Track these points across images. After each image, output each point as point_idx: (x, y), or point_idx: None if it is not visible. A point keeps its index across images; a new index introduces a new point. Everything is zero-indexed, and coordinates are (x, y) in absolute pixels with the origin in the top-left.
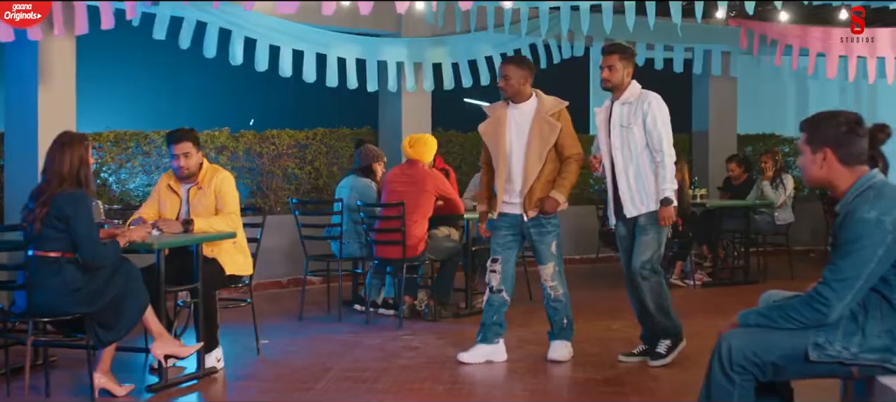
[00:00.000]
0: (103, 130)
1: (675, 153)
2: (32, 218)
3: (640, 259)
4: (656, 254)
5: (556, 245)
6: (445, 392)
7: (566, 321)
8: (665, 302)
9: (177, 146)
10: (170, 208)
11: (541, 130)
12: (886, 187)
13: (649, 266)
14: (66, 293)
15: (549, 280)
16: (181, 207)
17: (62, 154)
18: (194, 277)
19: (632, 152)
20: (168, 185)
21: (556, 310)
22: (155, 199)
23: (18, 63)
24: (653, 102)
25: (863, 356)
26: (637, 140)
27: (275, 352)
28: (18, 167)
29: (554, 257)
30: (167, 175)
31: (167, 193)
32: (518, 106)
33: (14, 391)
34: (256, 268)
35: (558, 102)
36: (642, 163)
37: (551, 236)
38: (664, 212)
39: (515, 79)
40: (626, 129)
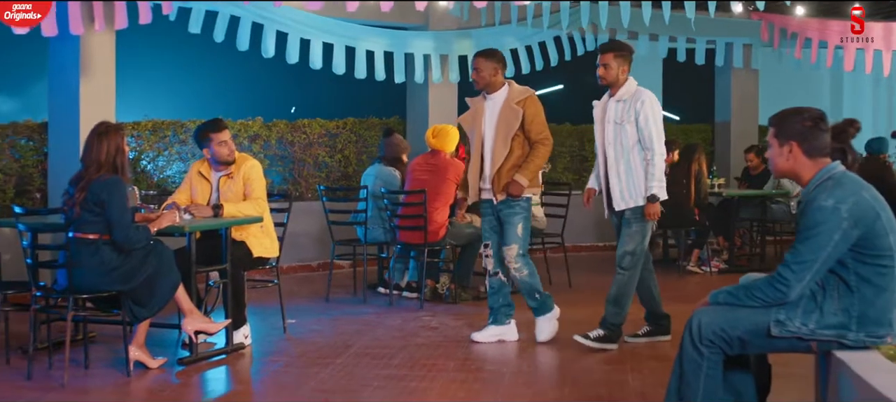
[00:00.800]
0: (142, 119)
1: (664, 150)
2: (72, 202)
3: (623, 249)
4: (639, 247)
5: (522, 228)
6: (456, 368)
7: (538, 296)
8: (623, 298)
9: (220, 134)
10: (201, 194)
11: (505, 116)
12: (845, 178)
13: (629, 258)
14: (103, 273)
15: (513, 262)
16: (212, 193)
17: (99, 143)
18: (223, 258)
19: (623, 148)
20: (199, 172)
21: (525, 289)
22: (187, 185)
23: (61, 56)
24: (645, 101)
25: (820, 332)
26: (629, 137)
27: (300, 331)
28: (61, 155)
29: (518, 239)
30: (199, 163)
31: (198, 180)
32: (491, 96)
33: (55, 364)
34: (287, 252)
35: (525, 91)
36: (633, 159)
37: (518, 219)
38: (649, 208)
39: (486, 71)
40: (619, 125)
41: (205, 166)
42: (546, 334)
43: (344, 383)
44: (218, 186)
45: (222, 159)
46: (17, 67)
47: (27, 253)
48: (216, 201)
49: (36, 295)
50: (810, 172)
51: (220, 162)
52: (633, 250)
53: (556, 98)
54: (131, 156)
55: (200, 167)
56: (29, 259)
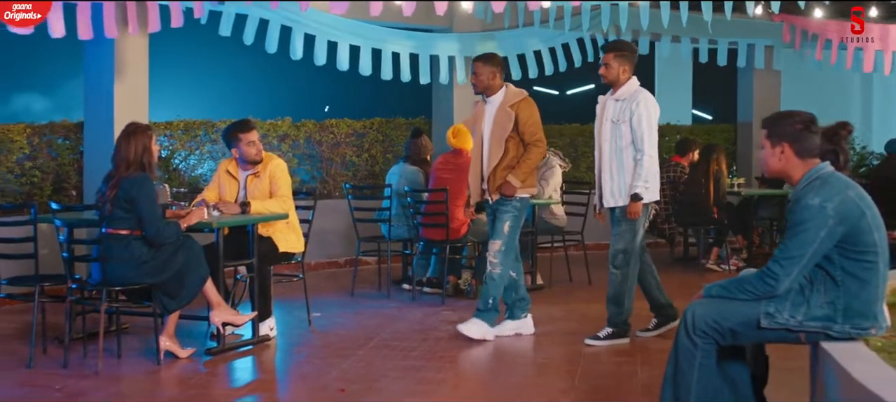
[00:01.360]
0: (174, 119)
1: (656, 154)
2: (104, 200)
3: (615, 248)
4: (630, 245)
5: (509, 226)
6: (472, 360)
7: (492, 302)
8: (622, 295)
9: (248, 134)
10: (229, 192)
11: (499, 119)
12: (832, 178)
13: (621, 257)
14: (134, 266)
15: (492, 257)
16: (239, 191)
17: (128, 143)
18: (250, 253)
19: (617, 147)
20: (227, 170)
21: (488, 287)
22: (216, 183)
23: (96, 58)
24: (641, 102)
25: (807, 324)
26: (623, 136)
27: (325, 324)
28: (96, 153)
29: (504, 235)
30: (227, 162)
31: (227, 178)
32: (490, 99)
33: (90, 353)
34: (316, 249)
35: (519, 93)
36: (626, 158)
37: (508, 216)
38: (631, 206)
39: (484, 75)
40: (616, 124)
41: (232, 165)
42: (470, 331)
43: (363, 373)
44: (245, 184)
45: (250, 159)
46: (51, 67)
47: (63, 247)
48: (244, 198)
49: (71, 287)
50: (800, 172)
51: (247, 161)
52: (625, 249)
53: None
54: (164, 154)
55: (228, 166)
56: (65, 253)
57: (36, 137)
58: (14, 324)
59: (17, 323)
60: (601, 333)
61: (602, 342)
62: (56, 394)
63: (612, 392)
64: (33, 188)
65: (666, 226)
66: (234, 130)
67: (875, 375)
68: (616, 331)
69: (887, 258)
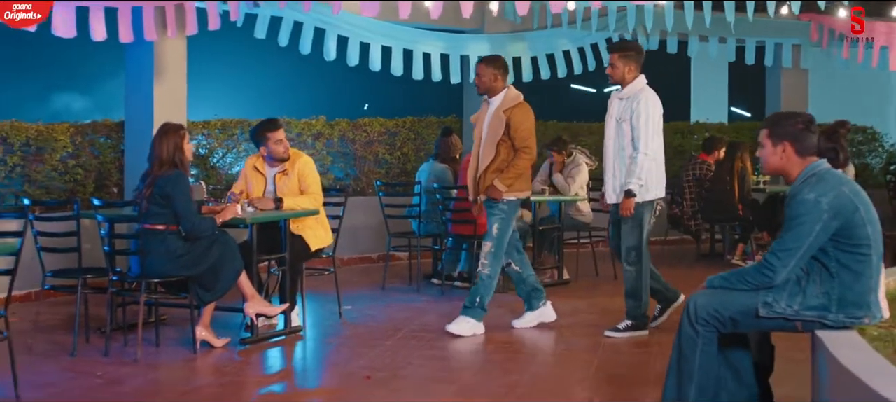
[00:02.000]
0: (211, 118)
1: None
2: (141, 197)
3: (625, 246)
4: (640, 241)
5: (498, 228)
6: (495, 350)
7: (479, 301)
8: (640, 290)
9: (276, 133)
10: (256, 188)
11: (493, 123)
12: (827, 174)
13: (633, 254)
14: (170, 259)
15: (483, 257)
16: (266, 187)
17: (161, 142)
18: (282, 248)
19: (620, 145)
20: (254, 167)
21: (477, 286)
22: (243, 179)
23: (136, 60)
24: (642, 101)
25: (803, 313)
26: (625, 134)
27: (355, 316)
28: (137, 152)
29: (493, 238)
30: (254, 158)
31: (254, 175)
32: (491, 101)
33: (130, 342)
34: (349, 244)
35: (515, 98)
36: (628, 156)
37: (496, 219)
38: (623, 202)
39: (486, 76)
40: (619, 123)
41: (260, 162)
42: (458, 328)
43: (389, 362)
44: (274, 181)
45: (278, 157)
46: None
47: (104, 242)
48: (272, 195)
49: (112, 280)
50: (798, 169)
51: (275, 159)
52: (635, 246)
53: None
54: (202, 153)
55: (256, 163)
56: (106, 247)
57: (79, 136)
58: (59, 315)
59: (62, 314)
60: (621, 325)
61: (621, 333)
62: (97, 380)
63: (627, 381)
64: (76, 185)
65: (692, 222)
66: (262, 130)
67: (861, 361)
68: (635, 323)
69: (881, 251)
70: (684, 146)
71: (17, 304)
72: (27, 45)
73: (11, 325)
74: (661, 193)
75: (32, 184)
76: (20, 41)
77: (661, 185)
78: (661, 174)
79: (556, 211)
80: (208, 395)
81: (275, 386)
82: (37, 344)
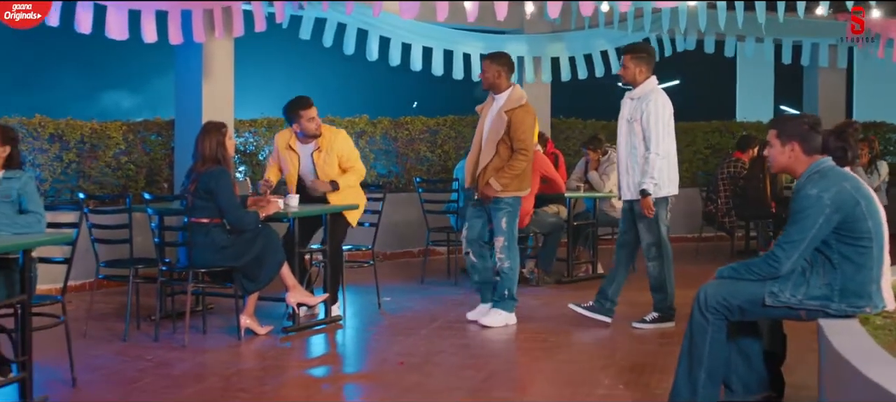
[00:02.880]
0: (258, 116)
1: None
2: (186, 192)
3: (645, 243)
4: (657, 236)
5: (506, 222)
6: (526, 339)
7: (507, 293)
8: (664, 281)
9: (308, 111)
10: (291, 165)
11: (494, 122)
12: (830, 172)
13: (654, 249)
14: (215, 251)
15: (499, 252)
16: (301, 163)
17: (203, 140)
18: (324, 238)
19: (631, 144)
20: (288, 145)
21: (502, 281)
22: (275, 160)
23: (186, 61)
24: (652, 102)
25: (807, 302)
26: (636, 134)
27: (393, 307)
28: (186, 149)
29: (504, 232)
30: (285, 137)
31: (287, 153)
32: (495, 98)
33: (178, 329)
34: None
35: (518, 100)
36: (639, 155)
37: (502, 214)
38: (644, 202)
39: (489, 73)
40: (630, 123)
41: (292, 140)
42: (490, 321)
43: (422, 350)
44: (312, 160)
45: (310, 133)
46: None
47: (155, 234)
48: (311, 172)
49: (162, 270)
50: (804, 167)
51: (307, 135)
52: (655, 241)
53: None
54: (250, 150)
55: (289, 141)
56: (156, 239)
57: (131, 133)
58: (111, 304)
59: (114, 303)
60: (647, 317)
61: (648, 325)
62: (147, 363)
63: (648, 370)
64: (128, 181)
65: (726, 220)
66: (294, 107)
67: (853, 346)
68: (662, 315)
69: (881, 244)
70: (722, 145)
71: (72, 293)
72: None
73: (68, 312)
74: (675, 190)
75: (87, 179)
76: (71, 41)
77: (674, 182)
78: (673, 172)
79: (590, 207)
80: (251, 378)
81: (314, 370)
82: (91, 330)
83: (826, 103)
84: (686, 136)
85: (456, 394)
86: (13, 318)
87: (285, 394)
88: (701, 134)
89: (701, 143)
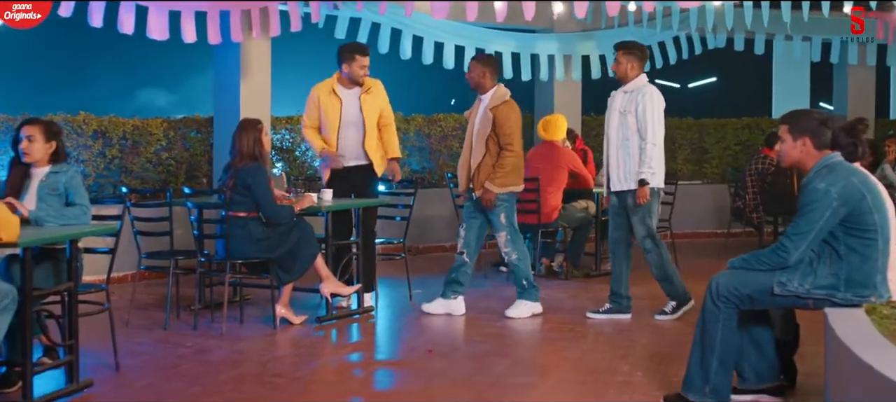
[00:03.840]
0: (294, 113)
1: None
2: (225, 187)
3: (639, 236)
4: (650, 228)
5: (505, 217)
6: (550, 329)
7: (526, 283)
8: (667, 270)
9: (365, 58)
10: (332, 111)
11: (481, 121)
12: (839, 166)
13: (649, 241)
14: (252, 243)
15: (504, 246)
16: (343, 109)
17: (241, 137)
18: (356, 232)
19: (623, 135)
20: (331, 90)
21: (515, 273)
22: (315, 110)
23: (224, 60)
24: (647, 94)
25: (814, 292)
26: (629, 125)
27: (424, 298)
28: (224, 145)
29: (504, 226)
30: (325, 85)
31: (330, 99)
32: (482, 97)
33: (216, 318)
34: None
35: (502, 97)
36: (632, 146)
37: (500, 209)
38: (640, 191)
39: (475, 72)
40: (623, 115)
41: (336, 85)
42: (516, 313)
43: (449, 338)
44: (359, 103)
45: (358, 80)
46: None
47: (194, 227)
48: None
49: (201, 261)
50: (813, 161)
51: (354, 81)
52: (648, 233)
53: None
54: (286, 146)
55: (332, 85)
56: (196, 232)
57: (171, 130)
58: (153, 294)
59: (155, 293)
60: (667, 308)
61: (669, 316)
62: (187, 350)
63: (667, 359)
64: (169, 176)
65: (754, 215)
66: (352, 49)
67: (857, 334)
68: (680, 302)
69: (887, 236)
70: (752, 141)
71: (115, 284)
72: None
73: (111, 302)
74: (662, 182)
75: (129, 174)
76: (109, 40)
77: (662, 175)
78: (662, 165)
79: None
80: (286, 364)
81: (346, 357)
82: (133, 319)
83: (855, 101)
84: (717, 132)
85: (481, 379)
86: (60, 305)
87: (318, 379)
88: (732, 130)
89: (731, 139)
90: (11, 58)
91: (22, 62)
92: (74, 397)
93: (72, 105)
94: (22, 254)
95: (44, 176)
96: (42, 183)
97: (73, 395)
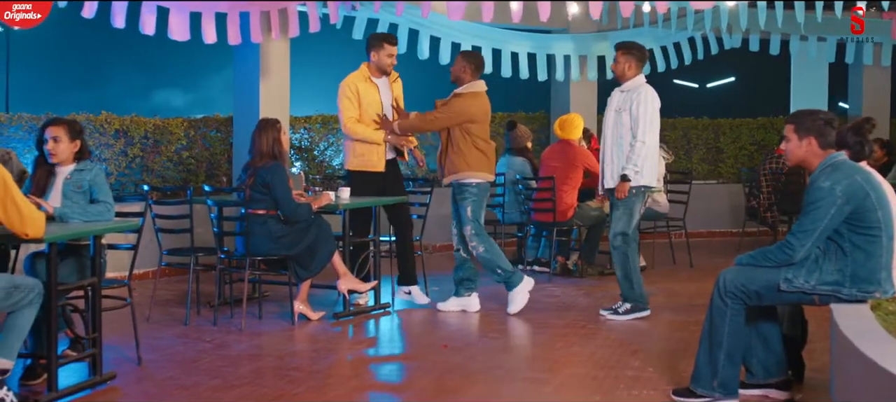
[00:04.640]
0: (313, 113)
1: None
2: (244, 186)
3: (613, 230)
4: (627, 226)
5: (470, 210)
6: (564, 325)
7: (500, 271)
8: (630, 272)
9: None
10: (371, 99)
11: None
12: (843, 165)
13: (620, 238)
14: (271, 240)
15: (470, 241)
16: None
17: (260, 136)
18: (373, 228)
19: (618, 134)
20: (367, 78)
21: (487, 265)
22: (356, 99)
23: (244, 60)
24: (642, 94)
25: (820, 288)
26: (624, 124)
27: (440, 296)
28: (244, 144)
29: (469, 220)
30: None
31: (368, 88)
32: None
33: (235, 314)
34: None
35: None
36: (625, 145)
37: (466, 202)
38: (619, 186)
39: (456, 66)
40: (618, 113)
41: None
42: (516, 306)
43: (463, 334)
44: (391, 91)
45: (385, 69)
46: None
47: (214, 224)
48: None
49: (220, 258)
50: (818, 160)
51: (381, 70)
52: (623, 231)
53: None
54: (305, 145)
55: (365, 74)
56: (216, 229)
57: (192, 129)
58: (173, 291)
59: (176, 290)
60: (619, 307)
61: (620, 317)
62: (207, 345)
63: (677, 355)
64: (189, 174)
65: (768, 214)
66: (381, 38)
67: (860, 329)
68: (632, 306)
69: (891, 233)
70: (767, 141)
71: (137, 281)
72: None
73: (133, 298)
74: (653, 182)
75: (150, 173)
76: (127, 40)
77: (653, 174)
78: (654, 165)
79: None
80: (304, 358)
81: (362, 351)
82: (154, 314)
83: (870, 101)
84: (732, 132)
85: (494, 373)
86: (84, 300)
87: (335, 373)
88: (747, 130)
89: (746, 139)
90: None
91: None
92: (98, 389)
93: (91, 104)
94: (47, 249)
95: (68, 174)
96: (67, 181)
97: (96, 387)
